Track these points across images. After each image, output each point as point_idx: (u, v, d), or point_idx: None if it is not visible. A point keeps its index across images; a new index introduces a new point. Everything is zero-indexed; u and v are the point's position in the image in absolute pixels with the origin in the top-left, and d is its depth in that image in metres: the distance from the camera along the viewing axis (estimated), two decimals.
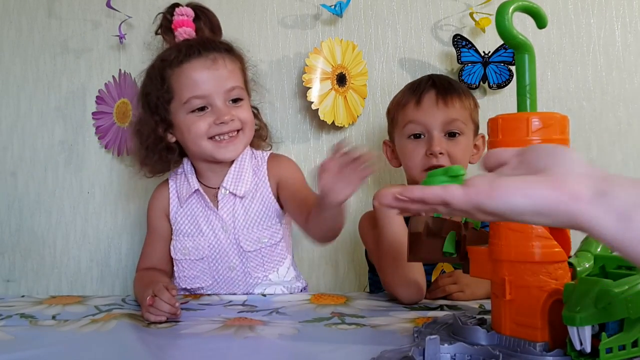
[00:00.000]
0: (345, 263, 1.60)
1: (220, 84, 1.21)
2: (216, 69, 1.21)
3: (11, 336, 0.95)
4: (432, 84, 1.30)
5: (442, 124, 1.26)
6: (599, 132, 1.59)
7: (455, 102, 1.27)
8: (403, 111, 1.30)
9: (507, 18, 0.77)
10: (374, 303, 1.16)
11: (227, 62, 1.23)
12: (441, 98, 1.27)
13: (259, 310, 1.10)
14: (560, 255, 0.76)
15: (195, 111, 1.21)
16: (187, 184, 1.28)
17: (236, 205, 1.26)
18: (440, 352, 0.74)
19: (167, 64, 1.23)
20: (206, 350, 0.86)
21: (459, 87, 1.32)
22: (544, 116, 0.76)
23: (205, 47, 1.23)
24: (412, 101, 1.29)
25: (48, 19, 1.62)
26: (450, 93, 1.28)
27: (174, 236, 1.29)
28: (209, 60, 1.21)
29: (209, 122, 1.21)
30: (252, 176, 1.28)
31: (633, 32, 1.59)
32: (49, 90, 1.62)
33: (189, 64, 1.21)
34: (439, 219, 0.89)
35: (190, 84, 1.20)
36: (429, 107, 1.27)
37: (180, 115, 1.22)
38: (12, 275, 1.63)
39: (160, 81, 1.23)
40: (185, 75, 1.21)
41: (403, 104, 1.31)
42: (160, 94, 1.23)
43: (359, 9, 1.59)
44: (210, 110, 1.22)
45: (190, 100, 1.21)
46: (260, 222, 1.26)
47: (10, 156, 1.63)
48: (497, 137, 0.78)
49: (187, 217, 1.28)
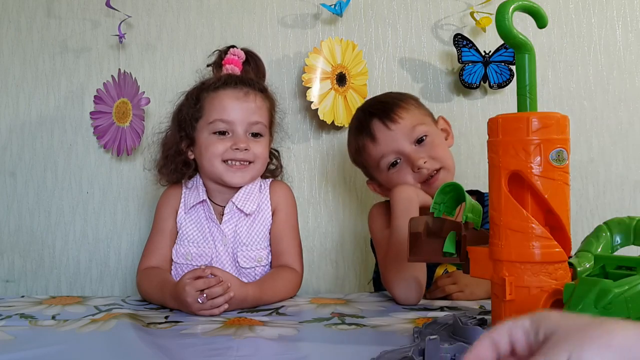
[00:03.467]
0: (345, 263, 1.60)
1: (246, 115, 1.30)
2: (245, 100, 1.30)
3: (11, 336, 0.95)
4: (369, 114, 1.29)
5: (406, 138, 1.25)
6: (600, 132, 1.59)
7: (399, 113, 1.27)
8: (364, 153, 1.30)
9: (507, 18, 0.77)
10: (374, 303, 1.16)
11: (258, 99, 1.32)
12: (387, 119, 1.26)
13: (259, 310, 1.11)
14: (561, 256, 0.76)
15: (217, 133, 1.29)
16: (197, 194, 1.33)
17: (240, 221, 1.30)
18: (440, 352, 0.74)
19: (205, 88, 1.33)
20: (206, 350, 0.86)
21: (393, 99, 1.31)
22: (544, 116, 0.76)
23: (243, 82, 1.33)
24: (367, 140, 1.28)
25: (47, 18, 1.62)
26: (390, 110, 1.27)
27: (177, 240, 1.31)
28: (242, 92, 1.31)
29: (226, 146, 1.28)
30: (258, 197, 1.32)
31: (634, 31, 1.59)
32: (48, 90, 1.62)
33: (224, 91, 1.31)
34: (439, 219, 0.89)
35: (220, 107, 1.30)
36: (384, 135, 1.26)
37: (204, 133, 1.31)
38: (12, 275, 1.62)
39: (194, 100, 1.33)
40: (218, 99, 1.31)
41: (360, 148, 1.30)
42: (192, 112, 1.32)
43: (359, 9, 1.59)
44: (230, 136, 1.30)
45: (215, 122, 1.29)
46: (260, 242, 1.29)
47: (10, 156, 1.62)
48: (497, 136, 0.78)
49: (194, 224, 1.31)
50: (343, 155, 1.59)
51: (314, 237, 1.58)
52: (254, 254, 1.28)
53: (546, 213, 0.77)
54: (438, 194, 0.88)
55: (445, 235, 0.86)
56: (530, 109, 0.78)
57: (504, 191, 0.77)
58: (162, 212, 1.34)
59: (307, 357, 0.84)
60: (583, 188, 1.58)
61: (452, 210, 0.90)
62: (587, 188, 1.59)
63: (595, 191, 1.59)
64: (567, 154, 0.76)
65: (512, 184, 0.78)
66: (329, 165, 1.60)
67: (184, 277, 1.09)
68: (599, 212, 1.57)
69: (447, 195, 0.89)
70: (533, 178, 0.75)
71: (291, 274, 1.26)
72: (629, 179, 1.59)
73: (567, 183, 0.77)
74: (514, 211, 0.76)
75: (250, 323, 1.00)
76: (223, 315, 1.06)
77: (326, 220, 1.59)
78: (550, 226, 0.77)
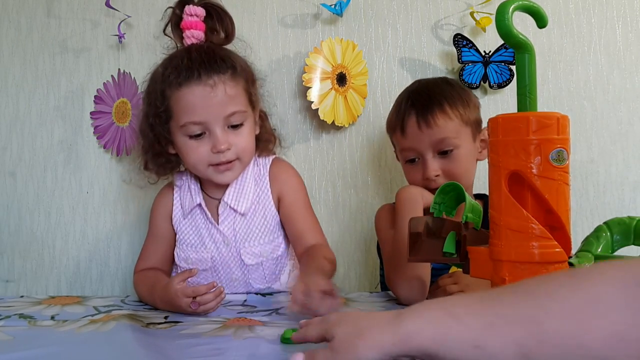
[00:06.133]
0: (345, 263, 1.60)
1: (219, 110, 1.17)
2: (215, 94, 1.16)
3: (10, 336, 0.95)
4: (411, 104, 1.24)
5: (431, 145, 1.22)
6: (600, 131, 1.59)
7: (437, 119, 1.20)
8: (394, 136, 1.29)
9: (507, 17, 0.77)
10: (374, 303, 1.16)
11: (228, 87, 1.18)
12: (422, 120, 1.21)
13: (259, 311, 1.10)
14: (560, 256, 0.76)
15: (194, 137, 1.19)
16: (190, 197, 1.29)
17: (237, 220, 1.26)
18: None
19: (167, 84, 1.19)
20: (206, 350, 0.86)
21: (441, 97, 1.23)
22: (544, 116, 0.76)
23: (207, 69, 1.17)
24: (398, 128, 1.26)
25: (47, 18, 1.62)
26: (431, 110, 1.21)
27: (177, 244, 1.29)
28: (208, 86, 1.16)
29: (206, 149, 1.19)
30: (254, 189, 1.27)
31: (634, 31, 1.59)
32: (48, 90, 1.62)
33: (188, 89, 1.16)
34: (439, 219, 0.89)
35: (189, 108, 1.17)
36: (413, 133, 1.22)
37: (179, 136, 1.21)
38: (11, 275, 1.62)
39: (160, 99, 1.20)
40: (184, 100, 1.17)
41: (392, 131, 1.29)
42: (159, 112, 1.21)
43: (359, 9, 1.59)
44: (207, 135, 1.19)
45: (187, 125, 1.18)
46: (262, 237, 1.26)
47: (9, 156, 1.62)
48: (497, 137, 0.78)
49: (192, 229, 1.28)
50: (343, 155, 1.59)
51: None
52: (257, 249, 1.25)
53: (546, 213, 0.77)
54: (438, 194, 0.89)
55: (445, 235, 0.86)
56: (530, 109, 0.78)
57: (503, 191, 0.77)
58: (155, 217, 1.33)
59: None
60: (583, 188, 1.58)
61: (452, 210, 0.90)
62: (587, 188, 1.59)
63: (595, 191, 1.59)
64: (567, 154, 0.76)
65: (512, 184, 0.77)
66: (329, 165, 1.59)
67: (173, 281, 1.08)
68: (599, 212, 1.57)
69: (447, 195, 0.89)
70: (533, 178, 0.75)
71: (323, 249, 1.22)
72: (629, 179, 1.59)
73: (567, 183, 0.77)
74: (514, 211, 0.76)
75: (250, 323, 1.00)
76: (223, 315, 1.06)
77: (326, 220, 1.59)
78: (550, 226, 0.77)
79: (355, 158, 1.59)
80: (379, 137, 1.57)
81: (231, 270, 1.26)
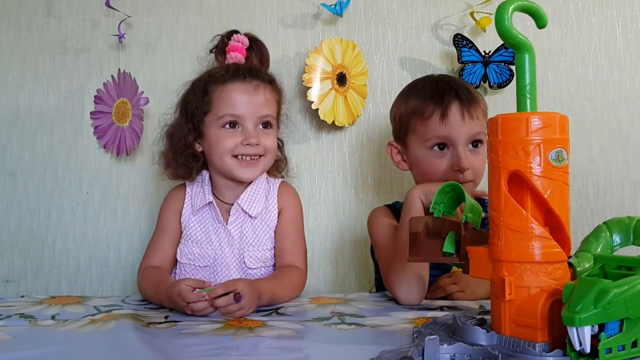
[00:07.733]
0: (345, 263, 1.60)
1: (256, 109, 1.29)
2: (255, 94, 1.29)
3: (10, 336, 0.95)
4: (455, 94, 1.24)
5: (467, 138, 1.23)
6: (600, 132, 1.59)
7: (478, 113, 1.25)
8: (425, 123, 1.25)
9: (506, 18, 0.77)
10: (374, 303, 1.16)
11: (267, 92, 1.31)
12: (466, 111, 1.23)
13: (259, 310, 1.10)
14: (560, 256, 0.76)
15: (227, 127, 1.28)
16: (202, 195, 1.32)
17: (245, 223, 1.30)
18: (440, 352, 0.74)
19: (213, 80, 1.31)
20: (206, 350, 0.86)
21: (477, 94, 1.29)
22: (544, 116, 0.76)
23: (251, 74, 1.31)
24: (437, 114, 1.23)
25: (47, 18, 1.62)
26: (474, 104, 1.24)
27: (182, 240, 1.32)
28: (252, 85, 1.29)
29: (236, 141, 1.28)
30: (264, 199, 1.32)
31: (634, 31, 1.59)
32: (48, 90, 1.62)
33: (233, 85, 1.29)
34: (439, 219, 0.89)
35: (230, 102, 1.28)
36: (456, 122, 1.23)
37: (213, 128, 1.29)
38: (12, 275, 1.62)
39: (202, 93, 1.31)
40: (227, 94, 1.29)
41: (427, 116, 1.25)
42: (200, 105, 1.30)
43: (359, 9, 1.59)
44: (240, 130, 1.29)
45: (224, 116, 1.28)
46: (266, 243, 1.30)
47: (9, 156, 1.62)
48: (496, 137, 0.78)
49: (200, 225, 1.31)
50: (343, 155, 1.59)
51: (314, 237, 1.57)
52: (260, 254, 1.29)
53: (546, 213, 0.77)
54: (438, 193, 0.88)
55: (445, 235, 0.86)
56: (530, 109, 0.78)
57: (503, 191, 0.77)
58: (166, 213, 1.35)
59: (307, 357, 0.84)
60: (583, 188, 1.58)
61: (452, 210, 0.90)
62: (587, 188, 1.59)
63: (595, 191, 1.59)
64: (566, 154, 0.76)
65: (511, 184, 0.78)
66: (329, 165, 1.60)
67: (182, 280, 1.11)
68: (599, 212, 1.57)
69: (447, 195, 0.89)
70: (533, 178, 0.75)
71: (297, 272, 1.26)
72: (629, 179, 1.59)
73: (566, 183, 0.77)
74: (514, 211, 0.76)
75: (250, 323, 1.00)
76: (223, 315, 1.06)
77: (326, 220, 1.59)
78: (549, 226, 0.77)
79: (355, 158, 1.59)
80: (379, 137, 1.57)
81: (230, 271, 1.28)
